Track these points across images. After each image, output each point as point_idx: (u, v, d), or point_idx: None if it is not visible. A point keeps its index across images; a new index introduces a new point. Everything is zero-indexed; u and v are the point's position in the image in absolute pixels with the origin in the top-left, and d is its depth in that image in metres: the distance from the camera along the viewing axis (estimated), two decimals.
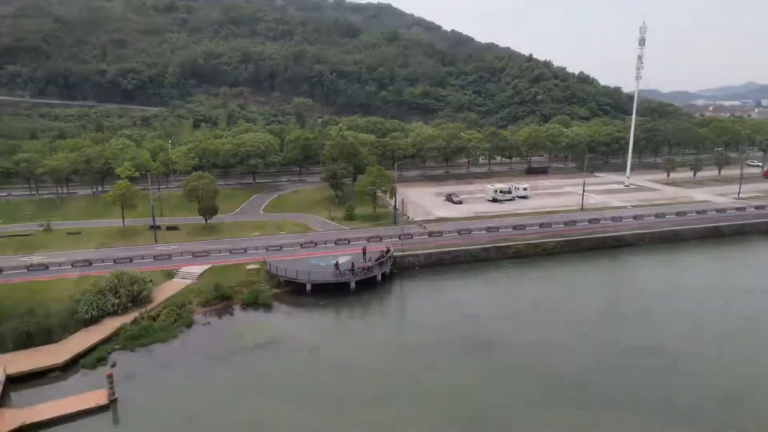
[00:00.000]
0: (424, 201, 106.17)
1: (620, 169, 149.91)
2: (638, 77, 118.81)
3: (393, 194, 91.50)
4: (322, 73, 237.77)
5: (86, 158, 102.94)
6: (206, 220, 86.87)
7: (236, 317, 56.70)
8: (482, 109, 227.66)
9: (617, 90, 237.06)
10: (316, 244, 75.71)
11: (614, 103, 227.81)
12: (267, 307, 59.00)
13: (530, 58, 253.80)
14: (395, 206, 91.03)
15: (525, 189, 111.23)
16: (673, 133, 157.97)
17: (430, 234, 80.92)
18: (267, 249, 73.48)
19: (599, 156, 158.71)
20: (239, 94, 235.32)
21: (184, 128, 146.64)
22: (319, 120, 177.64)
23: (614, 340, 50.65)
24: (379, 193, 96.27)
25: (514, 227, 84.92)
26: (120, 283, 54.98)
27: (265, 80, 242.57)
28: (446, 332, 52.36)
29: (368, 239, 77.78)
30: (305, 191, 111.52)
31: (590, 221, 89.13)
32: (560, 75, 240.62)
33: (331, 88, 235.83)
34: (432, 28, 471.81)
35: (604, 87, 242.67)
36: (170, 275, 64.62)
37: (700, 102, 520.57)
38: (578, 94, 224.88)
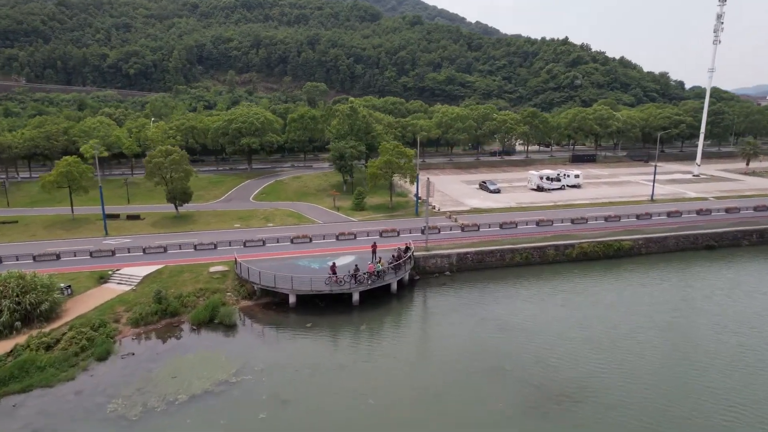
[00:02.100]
0: (452, 189, 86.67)
1: (679, 158, 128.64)
2: (716, 41, 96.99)
3: (414, 178, 72.14)
4: (338, 57, 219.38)
5: (47, 135, 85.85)
6: (176, 208, 68.75)
7: (179, 344, 37.98)
8: (513, 95, 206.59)
9: (664, 75, 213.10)
10: (311, 239, 56.83)
11: (661, 89, 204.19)
12: (228, 328, 40.22)
13: (566, 42, 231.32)
14: (417, 193, 71.67)
15: (577, 176, 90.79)
16: (743, 118, 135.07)
17: (463, 228, 61.37)
18: (244, 245, 54.89)
19: (649, 145, 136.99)
20: (248, 81, 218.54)
21: (178, 109, 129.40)
22: (332, 101, 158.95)
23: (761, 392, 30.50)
24: (397, 180, 77.16)
25: (573, 221, 64.94)
26: (4, 292, 36.75)
27: (276, 66, 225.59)
28: (496, 378, 32.92)
29: (381, 234, 58.66)
30: (307, 177, 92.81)
31: (669, 214, 68.78)
32: (600, 59, 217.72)
33: (348, 74, 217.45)
34: (456, 19, 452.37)
35: (649, 73, 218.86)
36: (102, 278, 46.33)
37: None
38: (621, 79, 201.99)
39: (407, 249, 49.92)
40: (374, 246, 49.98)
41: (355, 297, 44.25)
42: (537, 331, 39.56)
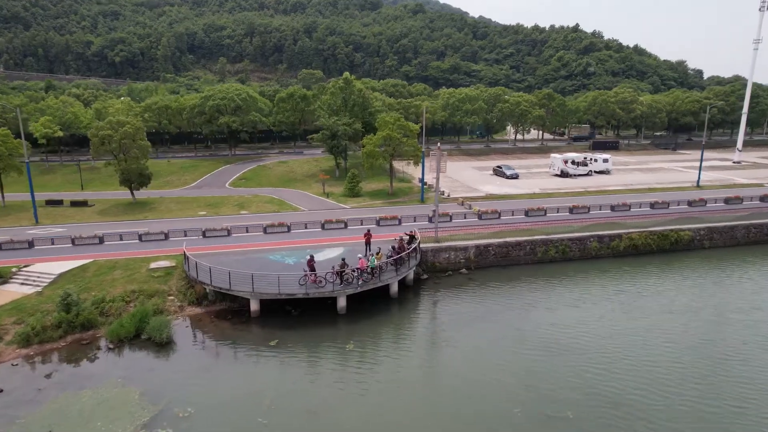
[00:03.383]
0: (463, 175, 74.88)
1: (710, 146, 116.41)
2: (763, 8, 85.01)
3: (419, 159, 60.31)
4: (336, 45, 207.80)
5: None
6: (132, 193, 57.01)
7: (81, 373, 26.19)
8: (521, 85, 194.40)
9: (682, 64, 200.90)
10: (289, 228, 45.03)
11: (679, 77, 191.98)
12: (160, 347, 28.47)
13: (576, 29, 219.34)
14: (423, 176, 59.86)
15: (605, 161, 78.89)
16: None
17: (481, 215, 49.54)
18: (204, 234, 43.15)
19: (668, 134, 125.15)
20: (241, 70, 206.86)
21: (159, 93, 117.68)
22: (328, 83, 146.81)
23: None
24: (399, 166, 65.79)
25: (613, 207, 53.16)
26: None
27: (271, 55, 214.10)
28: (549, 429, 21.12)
29: (378, 222, 46.84)
30: (295, 162, 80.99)
31: (727, 201, 56.93)
32: (613, 46, 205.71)
33: (347, 62, 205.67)
34: (458, 13, 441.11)
35: (665, 61, 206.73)
36: (1, 277, 34.54)
37: None
38: (637, 67, 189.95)
39: (412, 239, 38.08)
40: (368, 235, 38.13)
41: (341, 302, 32.45)
42: (599, 351, 27.73)
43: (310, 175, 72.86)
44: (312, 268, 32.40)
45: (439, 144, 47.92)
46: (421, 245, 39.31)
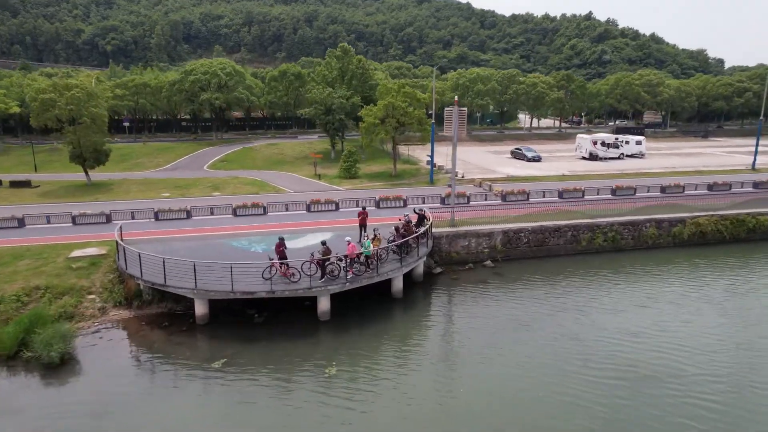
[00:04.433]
0: (478, 158, 65.64)
1: (743, 134, 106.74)
2: None
3: (428, 134, 50.93)
4: (338, 34, 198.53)
5: None
6: (86, 173, 47.89)
7: None
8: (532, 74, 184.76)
9: (702, 52, 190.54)
10: (265, 210, 35.72)
11: (700, 66, 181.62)
12: (49, 371, 19.22)
13: (589, 17, 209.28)
14: (432, 154, 50.46)
15: (638, 143, 69.39)
16: None
17: (505, 196, 40.13)
18: (156, 216, 33.97)
19: (694, 122, 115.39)
20: (239, 61, 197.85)
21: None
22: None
23: None
24: (403, 150, 56.91)
25: (663, 189, 43.68)
26: None
27: (270, 44, 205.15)
28: None
29: (378, 203, 37.51)
30: (285, 144, 71.78)
31: None
32: (629, 33, 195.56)
33: None
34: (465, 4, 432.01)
35: (684, 49, 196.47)
36: None
37: None
38: (655, 55, 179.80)
39: (422, 220, 28.72)
40: (363, 214, 28.71)
41: (323, 304, 23.13)
42: (705, 373, 18.49)
43: (302, 157, 63.62)
44: (282, 256, 23.12)
45: (456, 98, 38.64)
46: (434, 230, 30.00)
